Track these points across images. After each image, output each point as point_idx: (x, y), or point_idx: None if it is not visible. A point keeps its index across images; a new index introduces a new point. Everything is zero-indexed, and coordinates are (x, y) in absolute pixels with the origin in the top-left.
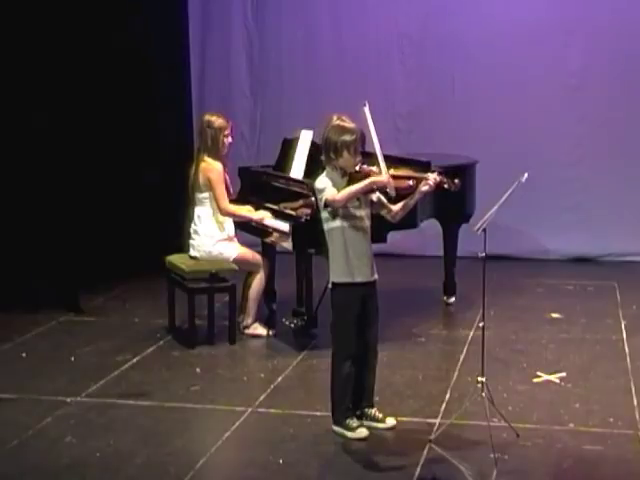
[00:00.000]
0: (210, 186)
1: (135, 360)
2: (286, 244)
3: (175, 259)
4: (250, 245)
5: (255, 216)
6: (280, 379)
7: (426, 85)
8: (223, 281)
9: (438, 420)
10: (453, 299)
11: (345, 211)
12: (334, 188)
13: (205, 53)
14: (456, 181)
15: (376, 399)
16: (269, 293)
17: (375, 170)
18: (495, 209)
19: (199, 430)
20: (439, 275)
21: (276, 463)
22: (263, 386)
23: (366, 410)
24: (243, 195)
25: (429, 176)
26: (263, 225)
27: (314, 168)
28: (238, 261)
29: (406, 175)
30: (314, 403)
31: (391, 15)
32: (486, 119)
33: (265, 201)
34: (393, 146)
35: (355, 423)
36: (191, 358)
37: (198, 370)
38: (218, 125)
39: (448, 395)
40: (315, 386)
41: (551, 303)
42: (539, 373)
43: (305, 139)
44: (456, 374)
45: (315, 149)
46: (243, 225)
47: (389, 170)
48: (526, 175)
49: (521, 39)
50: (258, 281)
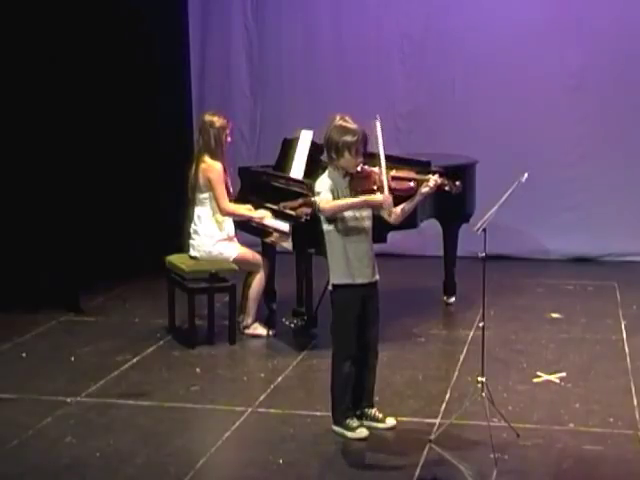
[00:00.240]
0: (210, 186)
1: (135, 360)
2: (286, 244)
3: (175, 259)
4: (250, 245)
5: (255, 215)
6: (280, 379)
7: (426, 85)
8: (223, 281)
9: (438, 420)
10: (453, 299)
11: (346, 212)
12: (330, 193)
13: (205, 53)
14: (457, 183)
15: (376, 399)
16: (269, 293)
17: (377, 171)
18: (495, 209)
19: (199, 430)
20: (439, 275)
21: (276, 463)
22: (263, 386)
23: (366, 410)
24: (243, 195)
25: (430, 178)
26: (263, 225)
27: (314, 168)
28: (238, 261)
29: (407, 177)
30: (314, 403)
31: (391, 15)
32: (486, 119)
33: (265, 201)
34: (393, 146)
35: (355, 423)
36: (191, 358)
37: (198, 370)
38: (220, 125)
39: (448, 395)
40: (315, 386)
41: (551, 303)
42: (539, 373)
43: (305, 139)
44: (456, 374)
45: (315, 149)
46: (243, 225)
47: (390, 170)
48: (526, 175)
49: (521, 39)
50: (258, 281)
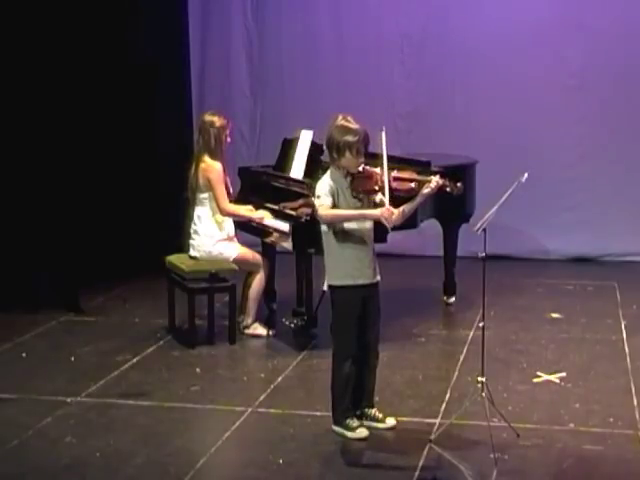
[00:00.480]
0: (210, 186)
1: (135, 360)
2: (286, 244)
3: (175, 259)
4: (250, 245)
5: (255, 215)
6: (280, 379)
7: (426, 85)
8: (223, 281)
9: (438, 420)
10: (453, 299)
11: None
12: (330, 197)
13: (205, 53)
14: (459, 184)
15: (376, 399)
16: (269, 293)
17: (378, 172)
18: (495, 209)
19: (199, 430)
20: (439, 275)
21: (276, 463)
22: (263, 386)
23: (366, 410)
24: (243, 195)
25: (432, 179)
26: (263, 225)
27: (314, 168)
28: (238, 261)
29: (409, 177)
30: (314, 403)
31: (391, 15)
32: (486, 119)
33: (265, 201)
34: (393, 146)
35: (355, 423)
36: (191, 358)
37: (198, 370)
38: (220, 125)
39: (448, 395)
40: (315, 386)
41: (551, 303)
42: (539, 373)
43: (305, 139)
44: (456, 374)
45: (315, 149)
46: (243, 225)
47: (392, 171)
48: (526, 175)
49: (521, 39)
50: (258, 281)
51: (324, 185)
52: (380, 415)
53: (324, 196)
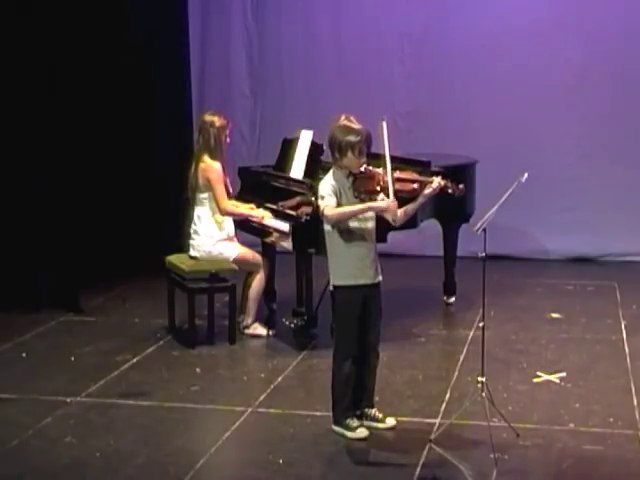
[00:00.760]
0: (209, 186)
1: (135, 360)
2: (286, 244)
3: (175, 259)
4: (250, 245)
5: (254, 213)
6: (280, 379)
7: (426, 85)
8: (223, 281)
9: (438, 420)
10: (453, 299)
11: None
12: (334, 197)
13: (205, 53)
14: (460, 186)
15: (376, 399)
16: (269, 293)
17: (380, 172)
18: (495, 209)
19: (199, 430)
20: (439, 275)
21: (276, 463)
22: (263, 386)
23: (366, 410)
24: (243, 195)
25: (433, 180)
26: (263, 225)
27: (314, 168)
28: (238, 261)
29: (411, 178)
30: (314, 403)
31: (391, 15)
32: (486, 119)
33: (265, 201)
34: (393, 146)
35: (355, 423)
36: (191, 358)
37: (198, 370)
38: (220, 125)
39: (448, 395)
40: (315, 386)
41: (551, 303)
42: (539, 373)
43: (305, 139)
44: (456, 374)
45: (315, 149)
46: (243, 225)
47: (394, 171)
48: (526, 175)
49: (521, 39)
50: (258, 281)
51: (327, 185)
52: (380, 415)
53: (328, 196)
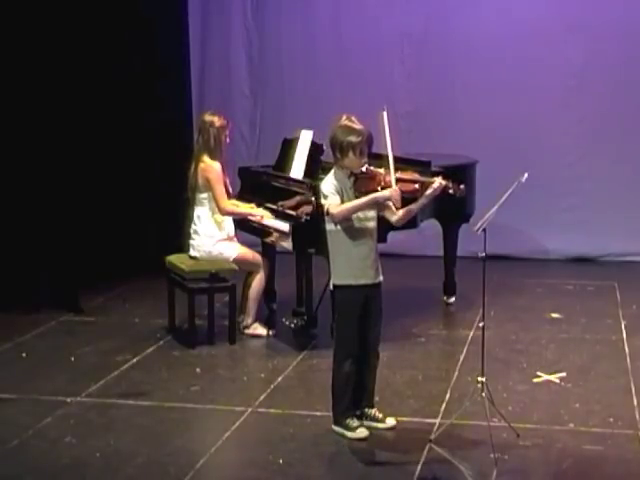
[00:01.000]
0: (209, 186)
1: (135, 360)
2: (286, 244)
3: (175, 259)
4: (250, 245)
5: (255, 212)
6: (280, 379)
7: (426, 85)
8: (223, 281)
9: (438, 420)
10: (453, 299)
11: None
12: (337, 196)
13: (205, 53)
14: (461, 187)
15: (376, 399)
16: (269, 293)
17: (382, 172)
18: (495, 209)
19: (199, 430)
20: (439, 275)
21: (276, 463)
22: (263, 386)
23: (366, 410)
24: (243, 195)
25: (435, 180)
26: (263, 225)
27: (314, 168)
28: (238, 261)
29: (412, 179)
30: (314, 403)
31: (391, 15)
32: (486, 119)
33: (265, 201)
34: (393, 146)
35: (355, 423)
36: (191, 358)
37: (198, 370)
38: (220, 125)
39: (448, 395)
40: (315, 386)
41: (551, 303)
42: (539, 373)
43: (305, 139)
44: (456, 374)
45: (315, 149)
46: (243, 225)
47: (395, 172)
48: (526, 175)
49: (521, 39)
50: (258, 281)
51: (329, 185)
52: (380, 415)
53: (331, 195)
